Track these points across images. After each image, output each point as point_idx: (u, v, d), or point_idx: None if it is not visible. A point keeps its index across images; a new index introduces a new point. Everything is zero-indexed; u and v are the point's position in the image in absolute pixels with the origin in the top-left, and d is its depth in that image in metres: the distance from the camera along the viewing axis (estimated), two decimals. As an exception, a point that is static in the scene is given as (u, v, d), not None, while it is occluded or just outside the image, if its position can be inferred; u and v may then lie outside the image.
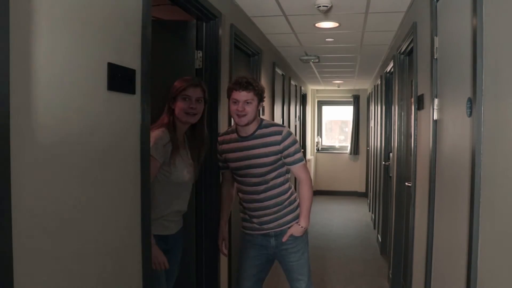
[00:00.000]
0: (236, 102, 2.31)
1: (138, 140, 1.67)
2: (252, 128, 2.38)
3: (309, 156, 9.11)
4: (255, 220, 2.42)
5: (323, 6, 3.23)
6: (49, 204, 1.21)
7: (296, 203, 2.48)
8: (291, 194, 2.46)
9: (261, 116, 2.57)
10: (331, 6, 3.31)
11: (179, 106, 2.18)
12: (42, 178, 1.18)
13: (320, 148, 10.24)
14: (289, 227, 2.42)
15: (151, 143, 1.85)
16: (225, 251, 2.61)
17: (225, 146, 2.46)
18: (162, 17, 2.88)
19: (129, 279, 1.65)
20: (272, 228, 2.41)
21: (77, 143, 1.34)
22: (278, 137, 2.36)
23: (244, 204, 2.46)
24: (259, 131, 2.39)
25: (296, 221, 2.43)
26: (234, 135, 2.44)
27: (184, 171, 2.19)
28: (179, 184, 2.19)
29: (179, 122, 2.21)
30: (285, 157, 2.39)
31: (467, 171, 1.77)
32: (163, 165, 2.10)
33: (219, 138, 2.52)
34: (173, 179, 2.14)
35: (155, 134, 2.04)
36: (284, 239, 2.41)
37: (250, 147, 2.36)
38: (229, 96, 2.36)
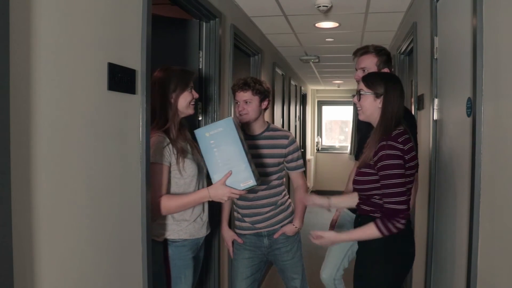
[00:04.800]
0: (237, 102, 2.38)
1: (138, 140, 1.67)
2: (260, 128, 2.43)
3: (309, 156, 9.11)
4: (247, 219, 2.43)
5: (323, 6, 3.24)
6: (49, 205, 1.21)
7: (287, 203, 2.50)
8: (284, 195, 2.49)
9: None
10: (331, 6, 3.31)
11: (188, 98, 2.05)
12: (42, 178, 1.18)
13: (320, 148, 10.23)
14: (281, 226, 2.43)
15: (151, 150, 1.80)
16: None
17: None
18: (163, 14, 2.87)
19: (130, 281, 1.65)
20: (264, 228, 2.42)
21: (77, 143, 1.34)
22: (285, 141, 2.42)
23: (238, 202, 2.46)
24: (267, 133, 2.44)
25: (289, 219, 2.45)
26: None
27: (195, 162, 2.07)
28: (198, 178, 2.09)
29: (178, 116, 2.06)
30: (288, 162, 2.45)
31: (467, 171, 1.77)
32: (174, 166, 2.00)
33: None
34: (189, 174, 2.03)
35: (152, 140, 1.90)
36: (276, 236, 2.42)
37: (257, 146, 2.39)
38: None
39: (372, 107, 1.86)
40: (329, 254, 2.61)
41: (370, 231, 1.79)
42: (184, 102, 2.06)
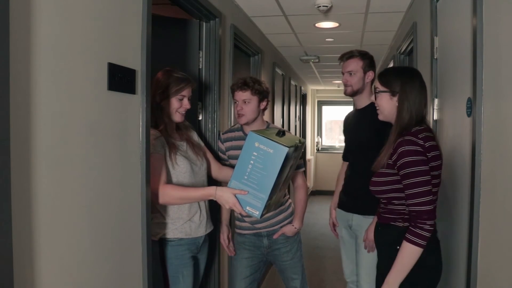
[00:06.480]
0: (236, 102, 2.37)
1: (138, 140, 1.67)
2: (259, 128, 2.40)
3: (309, 156, 9.11)
4: (247, 219, 2.43)
5: (323, 6, 3.24)
6: (49, 205, 1.21)
7: (287, 203, 2.50)
8: (284, 195, 2.48)
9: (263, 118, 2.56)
10: (331, 6, 3.31)
11: (174, 105, 2.06)
12: (42, 178, 1.18)
13: (320, 148, 10.24)
14: (281, 226, 2.43)
15: None
16: (231, 249, 2.54)
17: (229, 144, 2.47)
18: (163, 14, 2.87)
19: (130, 281, 1.65)
20: (263, 228, 2.42)
21: (77, 143, 1.34)
22: None
23: None
24: None
25: (288, 220, 2.44)
26: (240, 133, 2.46)
27: (188, 159, 2.08)
28: (194, 176, 2.09)
29: (168, 120, 2.08)
30: None
31: (467, 171, 1.77)
32: (167, 158, 2.00)
33: (222, 136, 2.53)
34: (181, 170, 2.04)
35: None
36: (275, 236, 2.42)
37: None
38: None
39: (389, 106, 1.74)
40: (342, 254, 2.66)
41: (405, 250, 1.58)
42: (169, 108, 2.06)
